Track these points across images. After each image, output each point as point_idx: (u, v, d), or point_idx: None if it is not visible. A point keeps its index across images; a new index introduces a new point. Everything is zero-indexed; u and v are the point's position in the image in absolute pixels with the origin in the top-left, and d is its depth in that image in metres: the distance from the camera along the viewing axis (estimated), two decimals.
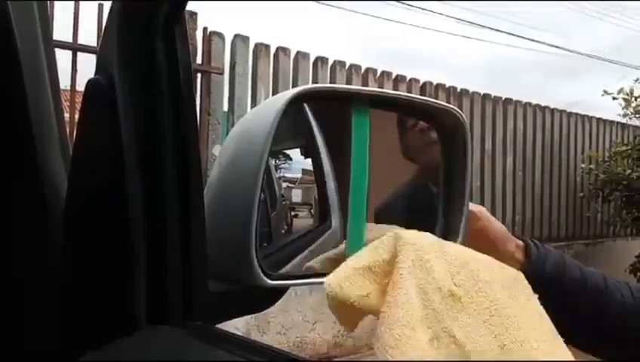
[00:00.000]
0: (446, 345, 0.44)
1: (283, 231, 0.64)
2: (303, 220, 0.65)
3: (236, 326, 3.17)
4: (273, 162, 0.61)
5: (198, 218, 0.51)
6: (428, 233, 0.51)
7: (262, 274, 0.52)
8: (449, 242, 0.52)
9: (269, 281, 0.53)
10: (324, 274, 0.61)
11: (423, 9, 8.57)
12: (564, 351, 0.47)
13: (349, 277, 0.47)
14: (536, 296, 0.51)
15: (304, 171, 0.65)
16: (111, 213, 0.49)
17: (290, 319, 3.75)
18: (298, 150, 0.66)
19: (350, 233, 0.60)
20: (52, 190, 0.50)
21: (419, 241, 0.49)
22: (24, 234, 0.49)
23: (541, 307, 0.50)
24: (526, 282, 0.52)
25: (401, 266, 0.47)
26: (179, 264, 0.50)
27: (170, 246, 0.50)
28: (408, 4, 8.21)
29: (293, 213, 0.64)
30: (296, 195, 0.65)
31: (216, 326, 0.54)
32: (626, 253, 5.74)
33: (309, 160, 0.66)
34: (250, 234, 0.51)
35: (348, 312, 0.47)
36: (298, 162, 0.65)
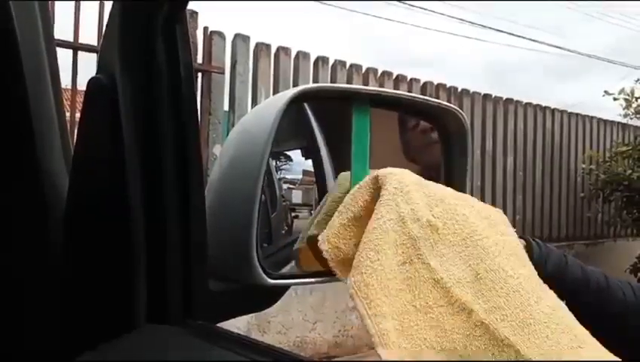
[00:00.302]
0: (417, 269, 0.44)
1: (283, 232, 0.64)
2: (304, 221, 0.65)
3: (237, 325, 3.17)
4: (274, 163, 0.61)
5: (199, 217, 0.51)
6: (406, 169, 0.52)
7: (262, 273, 0.52)
8: (429, 181, 0.52)
9: (270, 280, 0.53)
10: (324, 274, 0.61)
11: (424, 9, 8.56)
12: (535, 277, 0.46)
13: (338, 234, 0.48)
14: (513, 229, 0.52)
15: (305, 172, 0.65)
16: (111, 212, 0.49)
17: (291, 318, 3.75)
18: (299, 151, 0.66)
19: None
20: (52, 190, 0.51)
21: (400, 173, 0.50)
22: (24, 234, 0.49)
23: (517, 240, 0.50)
24: (504, 217, 0.52)
25: (382, 193, 0.48)
26: (179, 263, 0.50)
27: (170, 245, 0.50)
28: (410, 4, 8.21)
29: (293, 214, 0.64)
30: (297, 196, 0.65)
31: (217, 325, 0.54)
32: (627, 254, 5.74)
33: (310, 161, 0.66)
34: (250, 234, 0.51)
35: (347, 265, 0.48)
36: (299, 163, 0.65)
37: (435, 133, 0.70)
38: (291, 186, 0.64)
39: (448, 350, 0.41)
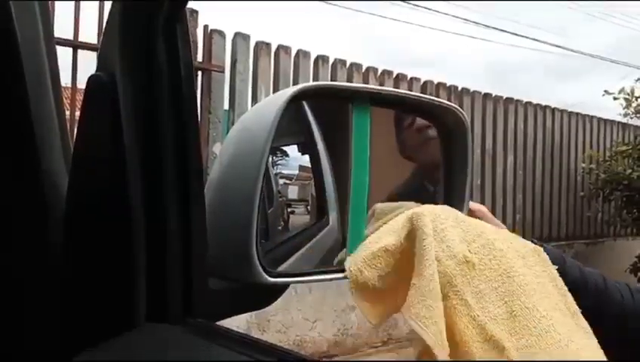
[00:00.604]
0: (454, 305, 0.45)
1: (280, 228, 0.64)
2: (300, 217, 0.65)
3: (236, 324, 3.17)
4: (270, 158, 0.61)
5: (199, 216, 0.51)
6: (445, 206, 0.52)
7: (262, 272, 0.52)
8: (466, 216, 0.53)
9: (269, 279, 0.53)
10: (323, 272, 0.61)
11: (428, 9, 8.55)
12: (574, 320, 0.47)
13: (367, 261, 0.49)
14: (555, 267, 0.52)
15: (301, 168, 0.65)
16: (111, 212, 0.49)
17: (291, 317, 3.75)
18: (295, 146, 0.66)
19: (350, 230, 0.60)
20: (52, 190, 0.51)
21: (434, 211, 0.51)
22: (24, 234, 0.49)
23: (559, 278, 0.51)
24: (544, 255, 0.52)
25: (423, 238, 0.48)
26: (179, 262, 0.50)
27: (170, 244, 0.50)
28: (414, 4, 8.20)
29: (289, 210, 0.64)
30: (293, 192, 0.65)
31: (217, 323, 0.54)
32: (627, 253, 5.74)
33: (306, 156, 0.66)
34: (250, 232, 0.51)
35: (371, 298, 0.48)
36: (295, 158, 0.65)
37: (430, 130, 0.70)
38: (287, 182, 0.64)
39: None
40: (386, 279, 0.48)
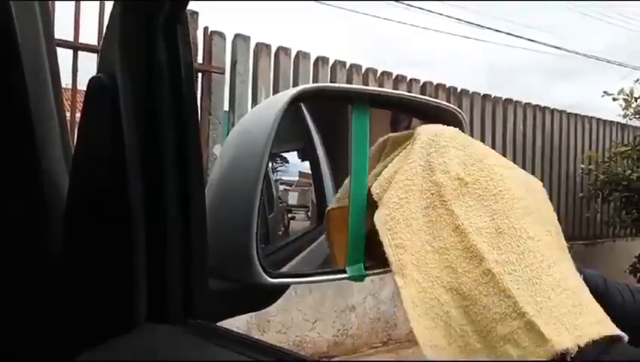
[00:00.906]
0: (439, 214, 0.45)
1: (280, 233, 0.65)
2: (300, 223, 0.66)
3: (236, 324, 3.17)
4: (270, 165, 0.61)
5: (199, 217, 0.51)
6: (456, 128, 0.53)
7: (262, 272, 0.52)
8: (476, 141, 0.53)
9: (270, 279, 0.53)
10: (323, 273, 0.61)
11: (421, 9, 8.56)
12: (559, 248, 0.47)
13: (382, 185, 0.51)
14: (550, 203, 0.52)
15: (301, 174, 0.65)
16: (112, 212, 0.49)
17: (290, 318, 3.75)
18: (295, 153, 0.66)
19: (350, 232, 0.60)
20: (53, 190, 0.51)
21: (440, 128, 0.52)
22: (24, 234, 0.49)
23: (554, 214, 0.50)
24: (544, 189, 0.52)
25: (416, 141, 0.50)
26: (179, 263, 0.50)
27: (170, 245, 0.50)
28: (408, 4, 8.21)
29: (290, 216, 0.65)
30: (293, 198, 0.65)
31: (217, 324, 0.54)
32: (626, 254, 5.75)
33: (306, 163, 0.66)
34: (250, 233, 0.51)
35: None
36: (295, 165, 0.65)
37: None
38: (287, 188, 0.64)
39: (456, 290, 0.42)
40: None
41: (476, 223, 0.44)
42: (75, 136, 0.52)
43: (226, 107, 3.84)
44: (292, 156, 0.66)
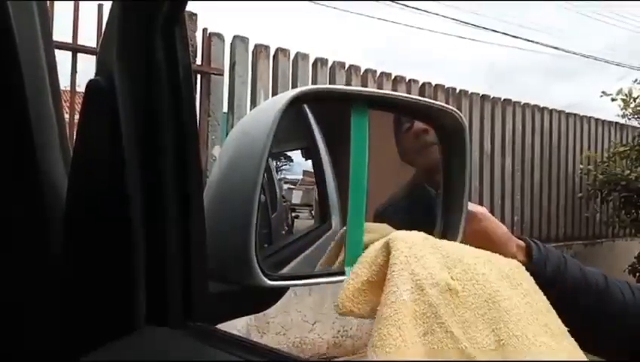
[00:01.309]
0: (440, 339, 0.44)
1: (283, 232, 0.65)
2: (304, 221, 0.66)
3: (236, 326, 3.17)
4: (274, 164, 0.61)
5: (198, 218, 0.51)
6: (421, 232, 0.51)
7: (261, 275, 0.52)
8: (442, 240, 0.53)
9: (269, 282, 0.53)
10: (323, 275, 0.61)
11: (417, 9, 8.56)
12: (564, 344, 0.47)
13: (352, 298, 0.48)
14: (535, 285, 0.52)
15: (305, 173, 0.65)
16: (111, 213, 0.49)
17: (290, 319, 3.75)
18: (299, 152, 0.66)
19: (349, 233, 0.60)
20: (52, 190, 0.50)
21: (411, 239, 0.49)
22: (24, 234, 0.49)
23: (544, 297, 0.50)
24: (527, 273, 0.52)
25: (393, 263, 0.47)
26: (179, 264, 0.50)
27: (170, 246, 0.50)
28: (403, 4, 8.21)
29: (293, 215, 0.65)
30: (297, 196, 0.65)
31: (216, 326, 0.54)
32: (625, 254, 5.75)
33: (310, 161, 0.66)
34: (249, 235, 0.51)
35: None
36: (299, 164, 0.65)
37: (429, 135, 0.71)
38: (292, 187, 0.64)
39: None
40: (375, 309, 0.48)
41: (478, 340, 0.44)
42: (74, 138, 0.52)
43: (225, 108, 3.84)
44: (296, 155, 0.66)
